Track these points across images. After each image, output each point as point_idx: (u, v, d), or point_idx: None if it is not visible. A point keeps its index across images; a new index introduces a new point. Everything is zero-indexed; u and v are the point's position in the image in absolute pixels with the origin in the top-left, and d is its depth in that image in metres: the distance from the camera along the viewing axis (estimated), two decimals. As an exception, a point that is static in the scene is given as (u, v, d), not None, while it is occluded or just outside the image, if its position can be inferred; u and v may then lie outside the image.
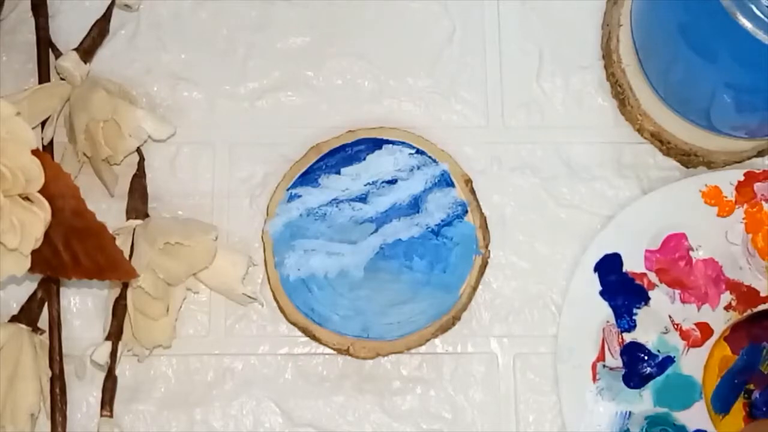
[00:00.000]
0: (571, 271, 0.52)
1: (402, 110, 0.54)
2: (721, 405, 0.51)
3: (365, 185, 0.52)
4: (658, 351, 0.51)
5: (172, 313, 0.50)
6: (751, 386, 0.51)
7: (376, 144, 0.52)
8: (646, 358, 0.50)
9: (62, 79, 0.52)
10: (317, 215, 0.52)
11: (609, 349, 0.51)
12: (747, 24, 0.41)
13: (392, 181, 0.52)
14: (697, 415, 0.50)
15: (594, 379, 0.50)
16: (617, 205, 0.53)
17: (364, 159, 0.52)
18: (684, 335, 0.51)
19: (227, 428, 0.51)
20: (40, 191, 0.44)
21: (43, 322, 0.50)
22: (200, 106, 0.54)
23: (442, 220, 0.52)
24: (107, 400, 0.50)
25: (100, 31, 0.53)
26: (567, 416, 0.50)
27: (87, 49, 0.53)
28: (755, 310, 0.51)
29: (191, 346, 0.52)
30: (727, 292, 0.51)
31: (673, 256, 0.51)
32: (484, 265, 0.52)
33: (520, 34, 0.55)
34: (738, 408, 0.51)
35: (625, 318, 0.51)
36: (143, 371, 0.51)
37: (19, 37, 0.54)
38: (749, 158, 0.53)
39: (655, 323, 0.51)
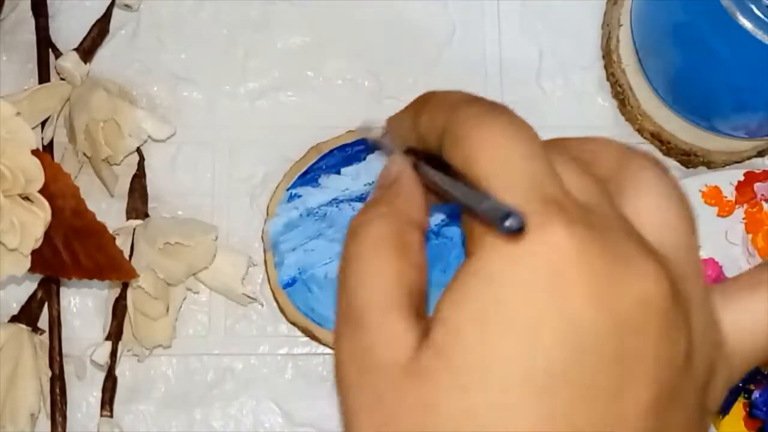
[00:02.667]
0: (571, 271, 0.52)
1: (402, 110, 0.54)
2: (721, 405, 0.50)
3: (365, 185, 0.52)
4: (658, 351, 0.50)
5: (172, 313, 0.50)
6: (751, 386, 0.51)
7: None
8: (646, 358, 0.50)
9: (62, 79, 0.52)
10: (317, 215, 0.52)
11: (609, 349, 0.50)
12: (747, 24, 0.41)
13: (392, 181, 0.52)
14: (697, 415, 0.50)
15: (594, 379, 0.50)
16: (617, 205, 0.53)
17: (364, 159, 0.52)
18: (684, 335, 0.51)
19: (227, 428, 0.51)
20: (40, 191, 0.44)
21: (43, 322, 0.50)
22: (200, 106, 0.54)
23: (442, 220, 0.52)
24: (107, 400, 0.50)
25: (100, 31, 0.53)
26: (567, 416, 0.50)
27: (87, 49, 0.53)
28: (755, 310, 0.51)
29: (191, 346, 0.52)
30: (727, 292, 0.51)
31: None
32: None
33: (520, 34, 0.55)
34: (738, 408, 0.51)
35: (625, 318, 0.51)
36: (143, 371, 0.51)
37: (19, 37, 0.54)
38: (749, 158, 0.53)
39: (655, 323, 0.51)
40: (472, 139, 0.26)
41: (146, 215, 0.52)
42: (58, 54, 0.53)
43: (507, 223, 0.23)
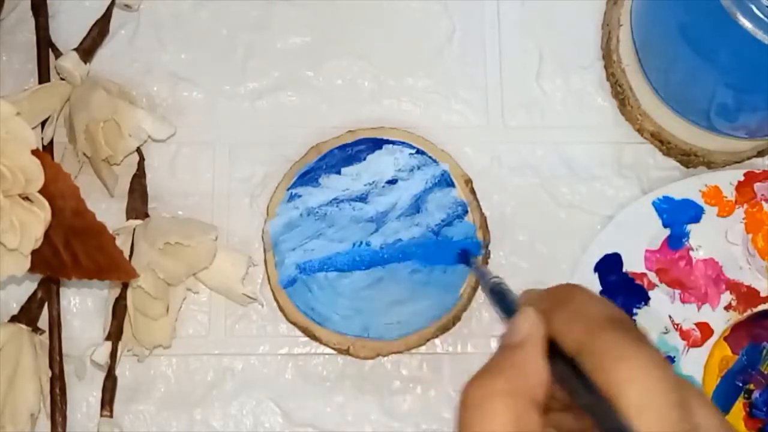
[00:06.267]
0: (571, 271, 0.52)
1: (402, 110, 0.54)
2: (721, 405, 0.51)
3: (365, 185, 0.52)
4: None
5: (172, 313, 0.50)
6: (751, 386, 0.51)
7: (376, 144, 0.52)
8: (646, 358, 0.50)
9: (62, 79, 0.52)
10: (317, 215, 0.52)
11: (609, 349, 0.51)
12: (747, 24, 0.41)
13: (392, 181, 0.52)
14: (697, 415, 0.50)
15: (594, 379, 0.50)
16: (617, 205, 0.53)
17: (365, 159, 0.52)
18: (684, 335, 0.51)
19: (227, 428, 0.51)
20: (40, 191, 0.44)
21: (43, 322, 0.50)
22: (200, 106, 0.54)
23: (442, 220, 0.52)
24: (107, 400, 0.50)
25: (100, 31, 0.53)
26: (567, 416, 0.50)
27: (87, 49, 0.53)
28: (755, 310, 0.51)
29: (191, 346, 0.52)
30: (727, 292, 0.51)
31: (673, 256, 0.51)
32: (484, 265, 0.52)
33: (520, 34, 0.55)
34: (738, 408, 0.51)
35: (625, 318, 0.51)
36: (143, 371, 0.51)
37: (19, 37, 0.54)
38: (749, 158, 0.53)
39: (655, 323, 0.51)
40: (620, 373, 0.28)
41: (146, 215, 0.52)
42: (58, 54, 0.53)
43: None
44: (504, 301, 0.37)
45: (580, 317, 0.30)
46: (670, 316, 0.51)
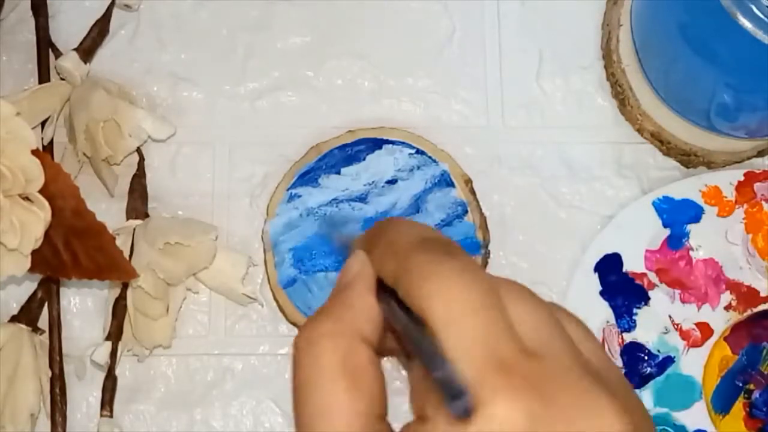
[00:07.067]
0: (571, 271, 0.52)
1: (402, 110, 0.54)
2: (721, 405, 0.51)
3: (365, 185, 0.52)
4: (658, 351, 0.51)
5: (172, 313, 0.50)
6: (751, 386, 0.51)
7: (376, 144, 0.52)
8: (646, 358, 0.50)
9: (62, 79, 0.52)
10: (317, 215, 0.52)
11: (609, 349, 0.51)
12: (747, 24, 0.41)
13: (392, 181, 0.52)
14: (697, 415, 0.50)
15: (594, 379, 0.50)
16: (617, 205, 0.53)
17: (364, 159, 0.52)
18: (684, 335, 0.51)
19: (227, 428, 0.51)
20: (40, 191, 0.44)
21: (43, 322, 0.50)
22: (200, 106, 0.54)
23: (442, 220, 0.52)
24: (107, 400, 0.50)
25: (100, 31, 0.53)
26: (567, 416, 0.50)
27: (87, 49, 0.53)
28: (755, 310, 0.51)
29: (191, 346, 0.52)
30: (727, 292, 0.51)
31: (673, 256, 0.51)
32: (484, 265, 0.52)
33: (520, 34, 0.55)
34: (738, 408, 0.51)
35: (625, 318, 0.51)
36: (143, 371, 0.51)
37: (19, 37, 0.54)
38: (749, 158, 0.53)
39: (655, 323, 0.51)
40: (423, 290, 0.26)
41: (146, 215, 0.52)
42: (58, 54, 0.53)
43: (457, 406, 0.24)
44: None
45: (391, 247, 0.29)
46: (670, 316, 0.51)
